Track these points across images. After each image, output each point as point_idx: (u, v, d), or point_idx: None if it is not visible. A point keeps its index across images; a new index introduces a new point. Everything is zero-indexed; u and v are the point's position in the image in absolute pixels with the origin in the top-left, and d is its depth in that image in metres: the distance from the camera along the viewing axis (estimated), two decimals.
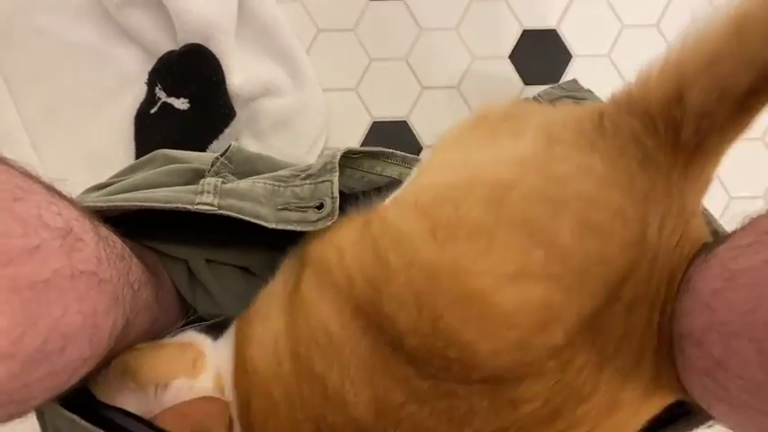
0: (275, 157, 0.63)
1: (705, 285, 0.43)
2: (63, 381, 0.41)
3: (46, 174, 0.43)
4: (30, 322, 0.36)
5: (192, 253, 0.60)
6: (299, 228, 0.53)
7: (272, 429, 0.47)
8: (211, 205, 0.54)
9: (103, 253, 0.43)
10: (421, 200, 0.44)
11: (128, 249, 0.50)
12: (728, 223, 0.50)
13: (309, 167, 0.59)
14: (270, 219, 0.54)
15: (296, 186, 0.57)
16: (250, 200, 0.55)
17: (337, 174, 0.56)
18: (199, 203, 0.54)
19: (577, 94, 0.58)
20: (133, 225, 0.54)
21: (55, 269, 0.37)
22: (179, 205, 0.53)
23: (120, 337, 0.46)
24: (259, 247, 0.61)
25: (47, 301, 0.37)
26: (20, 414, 0.40)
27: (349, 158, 0.60)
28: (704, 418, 0.51)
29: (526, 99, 0.56)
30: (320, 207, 0.54)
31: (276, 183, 0.58)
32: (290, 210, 0.55)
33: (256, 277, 0.62)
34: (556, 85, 0.59)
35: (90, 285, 0.41)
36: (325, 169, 0.57)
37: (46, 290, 0.37)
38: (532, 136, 0.44)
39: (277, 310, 0.50)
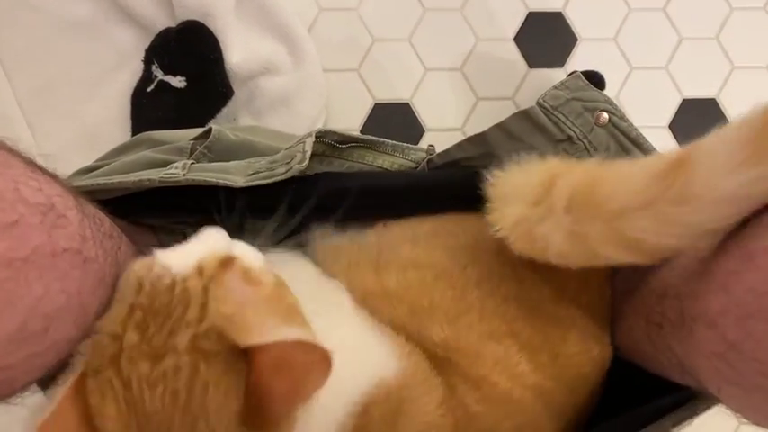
0: (258, 143, 0.61)
1: (719, 266, 0.42)
2: (47, 362, 0.40)
3: (41, 152, 0.42)
4: (7, 302, 0.34)
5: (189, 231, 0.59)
6: (265, 181, 0.51)
7: None
8: (176, 175, 0.52)
9: (89, 231, 0.42)
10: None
11: (117, 229, 0.49)
12: None
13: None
14: (238, 181, 0.52)
15: (271, 158, 0.56)
16: (218, 171, 0.54)
17: (312, 138, 0.55)
18: (164, 174, 0.52)
19: (584, 95, 0.56)
20: (128, 208, 0.53)
21: (34, 246, 0.36)
22: (143, 179, 0.52)
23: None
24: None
25: (26, 279, 0.36)
26: (3, 397, 0.39)
27: (337, 149, 0.58)
28: (705, 405, 0.50)
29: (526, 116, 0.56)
30: (290, 161, 0.53)
31: (252, 161, 0.57)
32: (260, 172, 0.53)
33: None
34: (560, 84, 0.57)
35: (73, 264, 0.39)
36: (300, 140, 0.56)
37: (24, 268, 0.36)
38: None
39: None
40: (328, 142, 0.58)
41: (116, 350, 0.37)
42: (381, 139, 0.61)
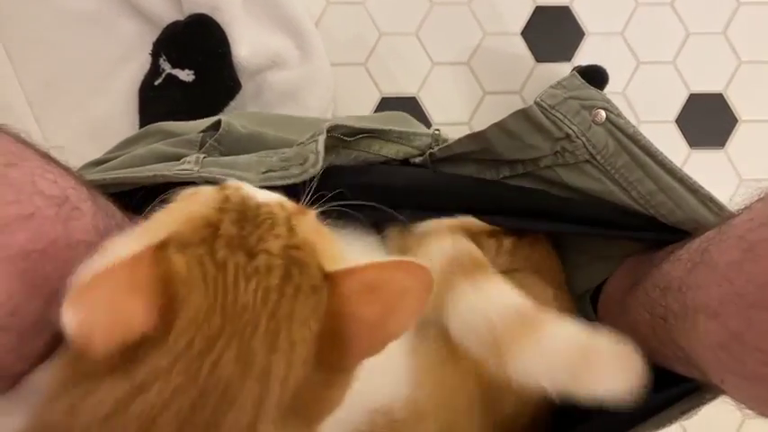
0: (268, 135, 0.61)
1: (722, 257, 0.42)
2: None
3: (48, 145, 0.43)
4: (25, 294, 0.35)
5: None
6: (280, 182, 0.51)
7: None
8: (191, 171, 0.52)
9: (102, 223, 0.42)
10: None
11: (127, 221, 0.49)
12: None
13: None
14: (253, 180, 0.52)
15: (283, 153, 0.56)
16: (233, 167, 0.54)
17: (324, 136, 0.55)
18: (177, 170, 0.52)
19: (581, 93, 0.57)
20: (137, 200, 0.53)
21: (51, 239, 0.37)
22: (157, 173, 0.52)
23: None
24: None
25: (43, 271, 0.36)
26: (9, 387, 0.39)
27: (344, 140, 0.59)
28: (712, 395, 0.50)
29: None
30: (304, 163, 0.53)
31: (263, 155, 0.57)
32: (273, 171, 0.53)
33: None
34: (557, 83, 0.57)
35: (88, 255, 0.40)
36: (312, 136, 0.56)
37: (42, 259, 0.36)
38: None
39: None
40: (337, 135, 0.58)
41: (210, 234, 0.34)
42: (388, 127, 0.61)
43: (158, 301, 0.32)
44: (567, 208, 0.58)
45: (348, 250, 0.41)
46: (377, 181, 0.59)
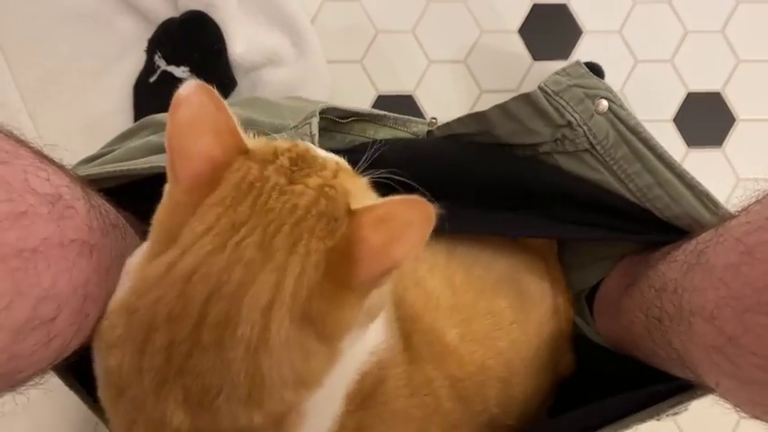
0: (262, 120, 0.61)
1: (719, 260, 0.42)
2: (53, 353, 0.39)
3: (43, 142, 0.42)
4: (16, 292, 0.34)
5: None
6: None
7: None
8: None
9: (95, 221, 0.42)
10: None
11: (122, 219, 0.49)
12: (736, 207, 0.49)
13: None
14: None
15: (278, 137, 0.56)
16: None
17: (317, 119, 0.55)
18: None
19: (585, 81, 0.56)
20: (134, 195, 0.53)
21: (43, 237, 0.36)
22: (153, 164, 0.52)
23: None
24: None
25: (35, 270, 0.36)
26: (8, 388, 0.39)
27: (339, 123, 0.58)
28: (702, 392, 0.50)
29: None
30: None
31: None
32: None
33: None
34: (561, 70, 0.57)
35: (81, 254, 0.39)
36: (305, 119, 0.56)
37: (34, 258, 0.35)
38: None
39: None
40: (330, 118, 0.58)
41: (269, 158, 0.41)
42: (383, 113, 0.61)
43: (216, 170, 0.39)
44: (575, 187, 0.57)
45: None
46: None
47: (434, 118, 0.63)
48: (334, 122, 0.58)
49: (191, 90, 0.39)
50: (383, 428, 0.48)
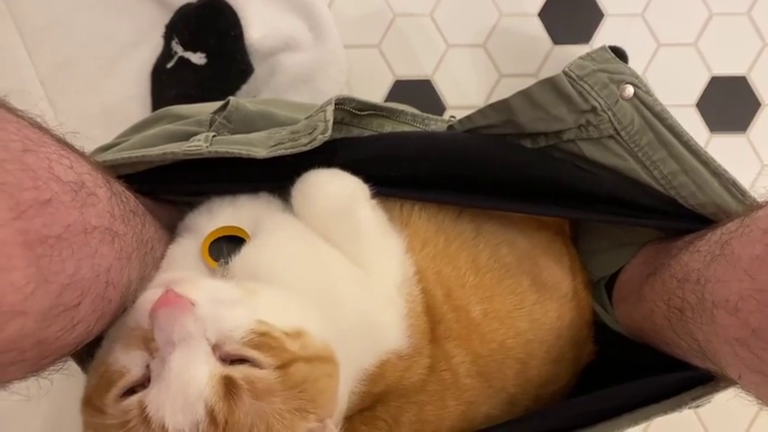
0: (278, 113, 0.60)
1: (744, 251, 0.41)
2: (77, 338, 0.40)
3: (60, 129, 0.42)
4: (42, 279, 0.35)
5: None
6: (289, 151, 0.52)
7: None
8: (200, 148, 0.52)
9: (117, 208, 0.42)
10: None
11: (141, 206, 0.49)
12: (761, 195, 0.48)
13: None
14: (261, 153, 0.52)
15: (292, 128, 0.55)
16: (241, 143, 0.54)
17: (332, 106, 0.54)
18: (187, 147, 0.52)
19: (610, 66, 0.55)
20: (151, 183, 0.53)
21: (67, 224, 0.36)
22: (167, 151, 0.52)
23: (136, 294, 0.45)
24: None
25: (59, 257, 0.36)
26: (32, 373, 0.39)
27: (356, 116, 0.58)
28: (725, 385, 0.50)
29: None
30: (312, 132, 0.53)
31: (272, 131, 0.56)
32: (282, 143, 0.53)
33: None
34: (586, 55, 0.56)
35: (103, 241, 0.40)
36: (321, 107, 0.56)
37: (58, 245, 0.36)
38: None
39: None
40: (347, 109, 0.57)
41: None
42: (401, 108, 0.60)
43: None
44: (593, 182, 0.57)
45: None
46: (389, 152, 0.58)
47: (453, 116, 0.63)
48: (351, 115, 0.58)
49: None
50: (398, 403, 0.49)
